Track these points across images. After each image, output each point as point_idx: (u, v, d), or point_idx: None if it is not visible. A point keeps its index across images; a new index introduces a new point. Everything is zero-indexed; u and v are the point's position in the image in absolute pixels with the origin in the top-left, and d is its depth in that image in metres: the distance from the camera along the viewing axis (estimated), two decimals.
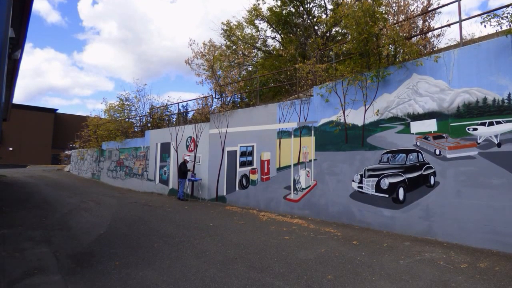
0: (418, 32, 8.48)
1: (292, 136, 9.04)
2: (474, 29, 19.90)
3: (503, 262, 4.64)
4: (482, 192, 5.50)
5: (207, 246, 5.52)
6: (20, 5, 4.98)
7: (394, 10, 8.48)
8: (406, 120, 6.71)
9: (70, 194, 12.90)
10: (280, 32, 17.92)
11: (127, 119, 19.25)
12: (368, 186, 7.18)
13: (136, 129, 18.79)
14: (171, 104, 17.20)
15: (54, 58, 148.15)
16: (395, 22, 7.75)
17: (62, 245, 5.55)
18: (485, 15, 5.77)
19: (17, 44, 6.27)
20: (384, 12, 8.17)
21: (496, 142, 5.46)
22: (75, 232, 6.54)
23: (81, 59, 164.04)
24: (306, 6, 16.58)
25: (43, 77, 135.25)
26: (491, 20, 5.65)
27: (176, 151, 13.27)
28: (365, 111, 7.43)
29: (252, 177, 10.06)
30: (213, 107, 12.54)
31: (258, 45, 19.00)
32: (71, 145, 26.78)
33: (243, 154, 10.44)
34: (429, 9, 8.82)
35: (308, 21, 16.68)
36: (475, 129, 5.71)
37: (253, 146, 10.14)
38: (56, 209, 9.26)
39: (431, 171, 6.23)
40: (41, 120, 40.38)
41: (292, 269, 4.39)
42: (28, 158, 37.70)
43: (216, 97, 12.58)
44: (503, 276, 4.09)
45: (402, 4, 8.42)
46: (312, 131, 8.52)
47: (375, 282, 3.93)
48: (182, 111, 16.24)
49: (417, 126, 6.54)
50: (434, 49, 8.52)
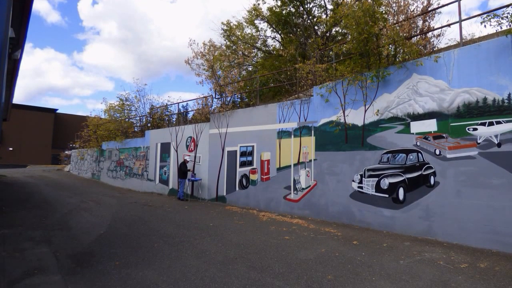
0: (418, 32, 8.48)
1: (292, 136, 9.04)
2: (474, 29, 19.91)
3: (503, 262, 4.64)
4: (482, 192, 5.50)
5: (207, 246, 5.52)
6: (20, 5, 4.98)
7: (394, 10, 8.48)
8: (406, 120, 6.71)
9: (70, 194, 12.90)
10: (280, 32, 17.92)
11: (127, 119, 19.25)
12: (368, 186, 7.18)
13: (136, 129, 18.80)
14: (171, 104, 17.23)
15: (54, 58, 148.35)
16: (395, 22, 7.75)
17: (62, 245, 5.55)
18: (485, 15, 5.77)
19: (17, 44, 6.27)
20: (384, 12, 8.18)
21: (496, 142, 5.46)
22: (75, 232, 6.54)
23: (81, 59, 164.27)
24: (306, 6, 16.58)
25: (43, 77, 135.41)
26: (491, 20, 5.65)
27: (176, 151, 13.27)
28: (365, 111, 7.43)
29: (252, 177, 10.06)
30: (213, 107, 12.55)
31: (258, 45, 19.00)
32: (71, 145, 26.78)
33: (243, 154, 10.44)
34: (429, 9, 8.82)
35: (308, 21, 16.68)
36: (475, 129, 5.71)
37: (253, 146, 10.14)
38: (56, 209, 9.26)
39: (431, 171, 6.23)
40: (41, 120, 40.38)
41: (292, 269, 4.39)
42: (28, 158, 37.69)
43: (216, 97, 12.59)
44: (503, 276, 4.09)
45: (402, 4, 8.43)
46: (312, 131, 8.52)
47: (375, 282, 3.93)
48: (182, 111, 16.24)
49: (417, 126, 6.54)
50: (434, 49, 8.51)
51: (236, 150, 10.69)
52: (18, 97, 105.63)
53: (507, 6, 5.59)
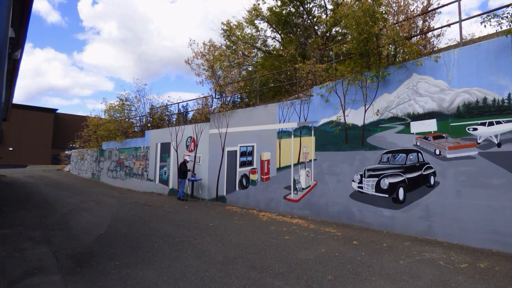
0: (418, 32, 8.48)
1: (292, 136, 9.04)
2: (474, 29, 19.91)
3: (503, 262, 4.64)
4: (482, 192, 5.50)
5: (207, 246, 5.53)
6: (20, 5, 4.98)
7: (394, 10, 8.48)
8: (406, 120, 6.71)
9: (70, 194, 12.90)
10: (280, 32, 17.92)
11: (127, 119, 19.25)
12: (368, 186, 7.18)
13: (136, 129, 18.80)
14: (171, 104, 17.23)
15: (54, 58, 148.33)
16: (395, 22, 7.75)
17: (62, 245, 5.55)
18: (485, 15, 5.77)
19: (17, 44, 6.27)
20: (384, 12, 8.18)
21: (496, 142, 5.46)
22: (75, 232, 6.54)
23: (81, 59, 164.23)
24: (306, 6, 16.58)
25: (43, 77, 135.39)
26: (491, 20, 5.65)
27: (176, 151, 13.27)
28: (365, 111, 7.43)
29: (252, 177, 10.06)
30: (213, 107, 12.55)
31: (258, 45, 19.00)
32: (71, 145, 26.78)
33: (243, 154, 10.44)
34: (429, 9, 8.82)
35: (308, 21, 16.68)
36: (475, 129, 5.71)
37: (253, 146, 10.14)
38: (56, 209, 9.26)
39: (431, 171, 6.23)
40: (41, 120, 40.38)
41: (292, 269, 4.39)
42: (28, 158, 37.69)
43: (216, 97, 12.59)
44: (503, 276, 4.09)
45: (402, 4, 8.43)
46: (312, 131, 8.52)
47: (375, 282, 3.93)
48: (182, 111, 16.25)
49: (417, 126, 6.54)
50: (434, 49, 8.51)
51: (236, 150, 10.69)
52: (18, 97, 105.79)
53: (507, 6, 5.59)
